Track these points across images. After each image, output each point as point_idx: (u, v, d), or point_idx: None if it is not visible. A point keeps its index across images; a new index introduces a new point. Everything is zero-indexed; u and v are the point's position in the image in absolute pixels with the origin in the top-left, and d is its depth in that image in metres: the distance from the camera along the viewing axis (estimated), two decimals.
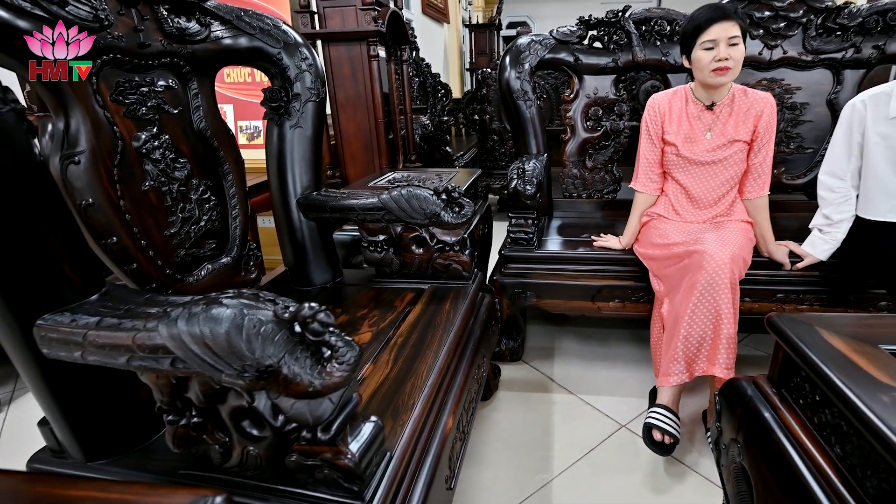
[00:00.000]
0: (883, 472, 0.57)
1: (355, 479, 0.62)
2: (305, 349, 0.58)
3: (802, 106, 1.90)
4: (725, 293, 1.21)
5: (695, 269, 1.25)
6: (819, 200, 1.47)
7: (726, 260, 1.23)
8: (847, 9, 1.78)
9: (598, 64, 1.90)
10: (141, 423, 0.79)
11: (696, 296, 1.22)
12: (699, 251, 1.26)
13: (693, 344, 1.22)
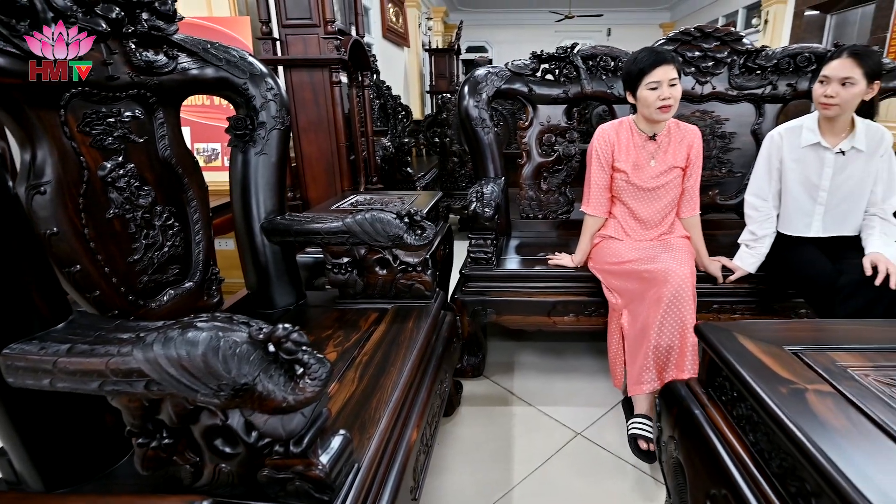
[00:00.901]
0: (783, 453, 0.68)
1: (326, 489, 0.67)
2: (279, 367, 0.63)
3: (731, 135, 2.13)
4: (689, 305, 1.35)
5: (660, 284, 1.37)
6: (746, 219, 1.65)
7: (688, 275, 1.38)
8: (764, 51, 2.03)
9: (550, 94, 2.06)
10: (104, 449, 0.80)
11: (664, 308, 1.34)
12: (661, 268, 1.39)
13: (663, 353, 1.34)
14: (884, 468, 0.58)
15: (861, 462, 0.59)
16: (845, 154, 1.49)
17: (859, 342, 0.86)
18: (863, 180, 1.51)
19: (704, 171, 2.14)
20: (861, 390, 0.72)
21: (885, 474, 0.57)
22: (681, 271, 1.36)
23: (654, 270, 1.40)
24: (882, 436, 0.63)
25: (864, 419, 0.66)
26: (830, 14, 5.93)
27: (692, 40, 2.04)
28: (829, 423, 0.65)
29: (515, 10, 9.75)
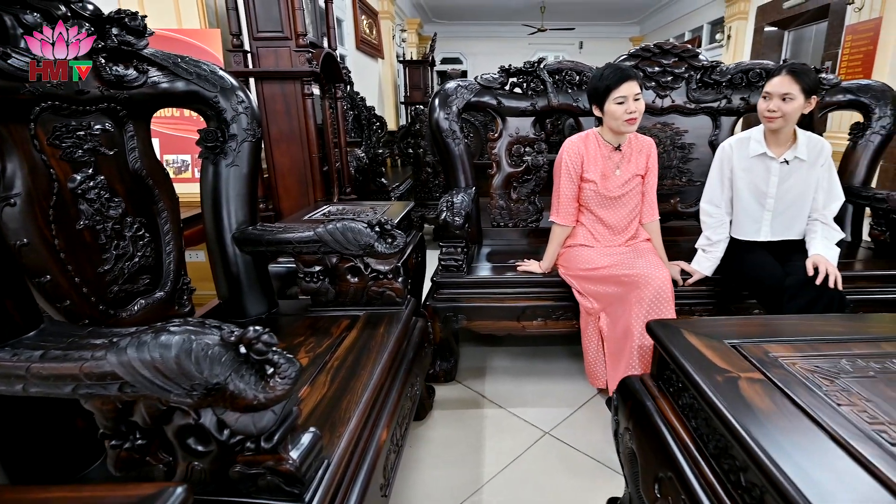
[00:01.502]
0: (718, 435, 0.76)
1: (296, 483, 0.71)
2: (250, 368, 0.68)
3: (690, 146, 2.27)
4: (670, 305, 1.46)
5: (641, 287, 1.47)
6: (702, 225, 1.77)
7: (667, 277, 1.49)
8: (719, 67, 2.18)
9: (519, 107, 2.15)
10: (74, 455, 0.83)
11: (646, 309, 1.43)
12: (640, 273, 1.49)
13: (647, 352, 1.42)
14: (799, 443, 0.66)
15: (781, 439, 0.67)
16: (789, 163, 1.62)
17: (791, 335, 0.96)
18: (806, 188, 1.64)
19: (666, 180, 2.28)
20: (787, 377, 0.81)
21: (800, 449, 0.65)
22: (660, 274, 1.46)
23: (633, 275, 1.50)
24: (801, 415, 0.71)
25: (787, 401, 0.74)
26: (788, 30, 6.31)
27: (652, 56, 2.17)
28: (756, 406, 0.73)
29: (489, 23, 10.00)
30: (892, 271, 1.82)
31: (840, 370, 0.83)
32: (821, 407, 0.73)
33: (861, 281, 1.82)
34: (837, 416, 0.71)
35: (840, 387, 0.78)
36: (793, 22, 6.05)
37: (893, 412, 0.72)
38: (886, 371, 0.82)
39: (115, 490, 0.53)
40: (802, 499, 0.57)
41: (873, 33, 4.40)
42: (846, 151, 2.26)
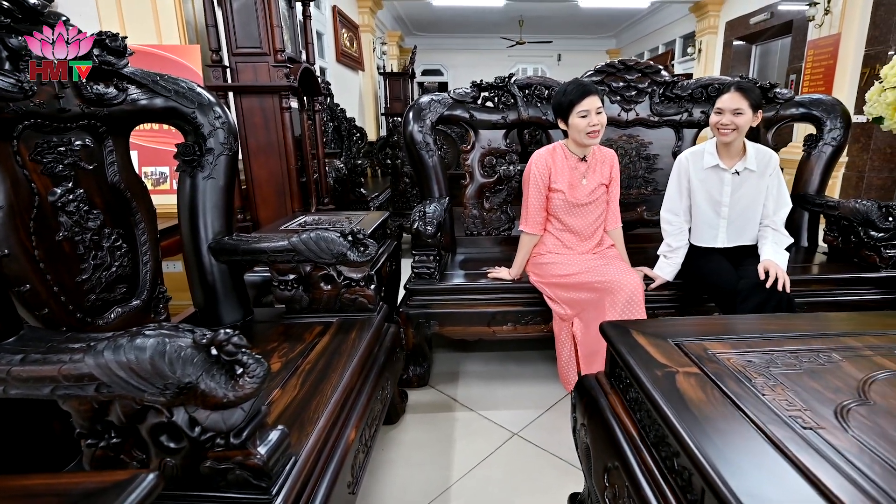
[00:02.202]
0: (656, 425, 0.83)
1: (263, 477, 0.76)
2: (221, 368, 0.73)
3: (655, 157, 2.38)
4: (642, 308, 1.54)
5: (614, 292, 1.55)
6: (663, 232, 1.87)
7: (638, 282, 1.58)
8: (680, 82, 2.31)
9: (490, 120, 2.24)
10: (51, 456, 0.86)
11: (619, 313, 1.51)
12: (613, 279, 1.58)
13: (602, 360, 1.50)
14: (722, 429, 0.73)
15: (706, 426, 0.74)
16: (740, 174, 1.73)
17: (730, 333, 1.04)
18: (756, 196, 1.75)
19: (632, 189, 2.39)
20: (721, 370, 0.89)
21: (722, 434, 0.72)
22: (631, 280, 1.55)
23: (606, 281, 1.58)
24: (728, 404, 0.79)
25: (717, 392, 0.82)
26: (755, 45, 6.59)
27: (617, 72, 2.29)
28: (689, 397, 0.81)
29: (469, 36, 10.19)
30: (842, 274, 1.94)
31: (770, 364, 0.91)
32: (747, 396, 0.80)
33: (815, 284, 1.93)
34: (761, 404, 0.79)
35: (767, 379, 0.86)
36: (759, 37, 6.32)
37: (811, 400, 0.80)
38: (811, 364, 0.91)
39: (91, 477, 0.57)
40: (719, 478, 0.64)
41: (833, 48, 4.64)
42: (801, 162, 2.40)
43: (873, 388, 0.82)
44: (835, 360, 0.92)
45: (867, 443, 0.68)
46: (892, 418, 0.74)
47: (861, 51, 4.45)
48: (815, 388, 0.83)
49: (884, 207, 1.90)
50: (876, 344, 0.98)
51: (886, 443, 0.68)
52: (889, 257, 1.89)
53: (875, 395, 0.80)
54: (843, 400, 0.79)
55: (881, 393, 0.81)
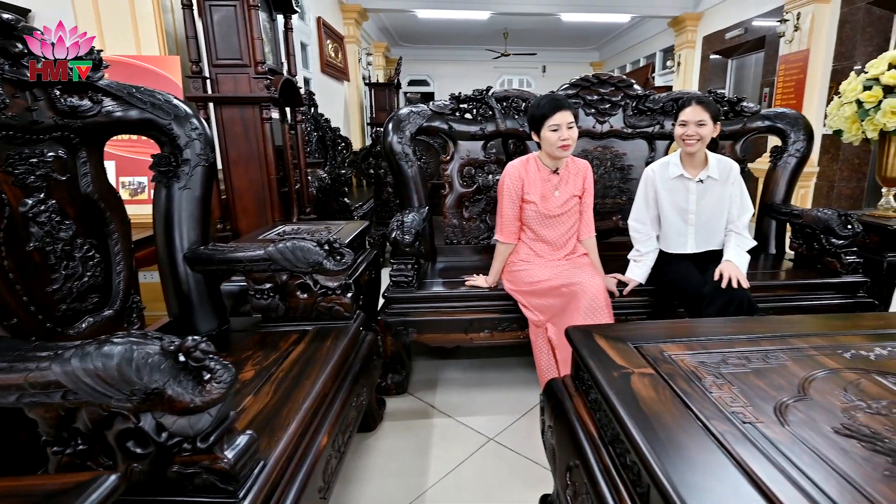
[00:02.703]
0: (612, 424, 0.87)
1: (230, 481, 0.78)
2: (188, 374, 0.75)
3: (629, 167, 2.45)
4: (605, 311, 1.58)
5: (578, 297, 1.59)
6: (632, 240, 1.93)
7: (600, 286, 1.62)
8: (652, 96, 2.39)
9: (469, 131, 2.30)
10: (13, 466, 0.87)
11: (582, 317, 1.55)
12: (577, 283, 1.62)
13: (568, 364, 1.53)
14: (669, 426, 0.77)
15: (654, 423, 0.78)
16: (704, 182, 1.81)
17: (686, 335, 1.09)
18: (721, 203, 1.83)
19: (607, 199, 2.46)
20: (674, 371, 0.93)
21: (668, 429, 0.76)
22: (594, 283, 1.60)
23: (571, 285, 1.63)
24: (678, 402, 0.83)
25: (668, 391, 0.86)
26: (731, 59, 6.80)
27: (591, 86, 2.36)
28: (641, 396, 0.85)
29: (455, 47, 10.33)
30: (806, 280, 2.01)
31: (721, 364, 0.96)
32: (695, 395, 0.85)
33: (780, 290, 2.01)
34: (707, 401, 0.83)
35: (716, 378, 0.91)
36: (735, 51, 6.53)
37: (754, 397, 0.84)
38: (759, 364, 0.96)
39: (55, 479, 0.59)
40: (661, 471, 0.68)
41: (802, 63, 4.82)
42: (768, 172, 2.49)
43: (813, 386, 0.87)
44: (781, 360, 0.97)
45: (800, 435, 0.73)
46: (826, 412, 0.79)
47: (829, 66, 4.63)
48: (760, 386, 0.88)
49: (843, 216, 1.99)
50: (821, 344, 1.03)
51: (817, 434, 0.73)
52: (849, 263, 1.97)
53: (813, 392, 0.85)
54: (783, 397, 0.84)
55: (819, 389, 0.86)
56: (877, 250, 2.15)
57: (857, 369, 0.93)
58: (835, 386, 0.88)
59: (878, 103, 2.17)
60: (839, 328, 1.15)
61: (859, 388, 0.87)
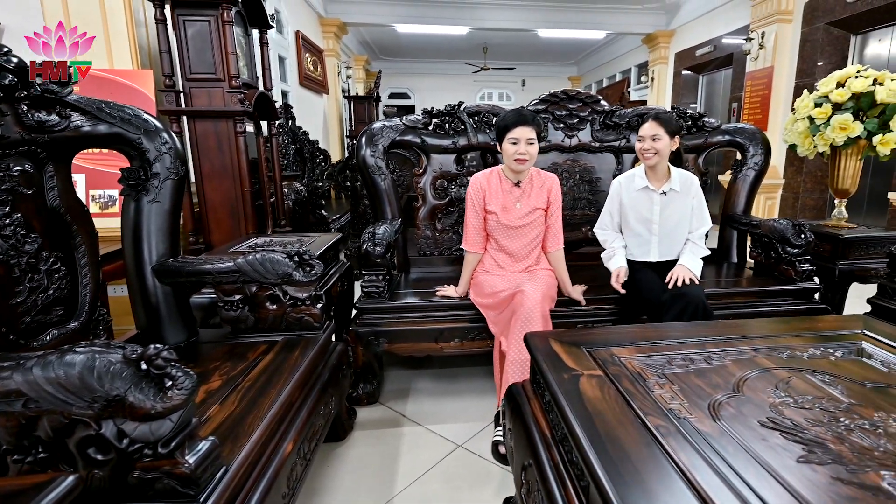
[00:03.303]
0: (560, 423, 0.92)
1: (191, 485, 0.80)
2: (150, 381, 0.78)
3: (597, 180, 2.55)
4: (538, 324, 1.61)
5: (517, 308, 1.63)
6: (602, 243, 2.01)
7: (538, 299, 1.65)
8: (618, 111, 2.50)
9: (441, 145, 2.37)
10: None
11: (518, 328, 1.59)
12: (519, 292, 1.67)
13: (518, 367, 1.58)
14: (610, 422, 0.83)
15: (597, 420, 0.84)
16: (666, 194, 1.90)
17: (637, 340, 1.15)
18: (682, 214, 1.93)
19: (577, 210, 2.55)
20: (621, 372, 0.99)
21: (608, 425, 0.82)
22: (533, 295, 1.64)
23: (514, 296, 1.68)
24: (621, 401, 0.89)
25: (613, 391, 0.92)
26: (702, 75, 7.07)
27: (559, 101, 2.46)
28: (587, 396, 0.91)
29: (436, 61, 10.51)
30: (764, 287, 2.12)
31: (665, 365, 1.03)
32: (637, 393, 0.91)
33: (739, 297, 2.10)
34: (648, 400, 0.89)
35: (660, 378, 0.97)
36: (705, 67, 6.80)
37: (692, 395, 0.91)
38: (701, 365, 1.03)
39: (12, 481, 0.62)
40: (598, 463, 0.73)
41: (767, 80, 5.05)
42: (729, 184, 2.62)
43: (747, 384, 0.94)
44: (722, 360, 1.04)
45: (728, 428, 0.80)
46: (755, 407, 0.86)
47: (792, 82, 4.87)
48: (699, 384, 0.94)
49: (797, 226, 2.11)
50: (760, 346, 1.11)
51: (744, 427, 0.80)
52: (803, 271, 2.09)
53: (747, 389, 0.92)
54: (718, 394, 0.90)
55: (752, 387, 0.93)
56: (829, 258, 2.28)
57: (790, 368, 1.01)
58: (767, 384, 0.95)
59: (827, 119, 2.31)
60: (780, 331, 1.23)
61: (789, 385, 0.94)
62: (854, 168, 2.38)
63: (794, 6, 4.79)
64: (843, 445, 0.76)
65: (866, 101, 2.25)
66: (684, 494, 0.67)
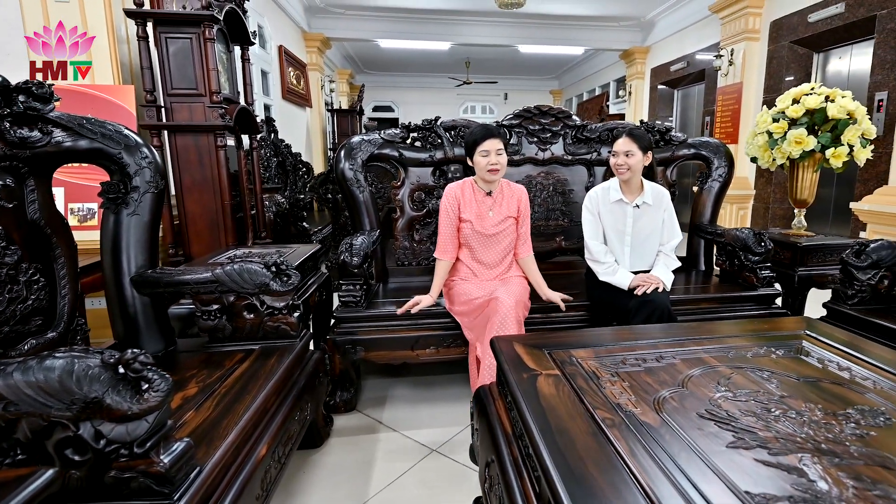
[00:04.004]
0: (519, 419, 0.99)
1: (166, 483, 0.85)
2: (127, 384, 0.83)
3: (570, 191, 2.65)
4: (513, 329, 1.68)
5: (492, 314, 1.70)
6: (595, 256, 2.03)
7: (512, 305, 1.72)
8: (589, 126, 2.61)
9: (419, 158, 2.44)
10: None
11: (493, 333, 1.66)
12: (493, 299, 1.74)
13: (493, 372, 1.64)
14: (561, 416, 0.90)
15: (550, 415, 0.90)
16: (639, 207, 2.00)
17: (595, 343, 1.23)
18: (654, 226, 2.03)
19: (551, 221, 2.64)
20: (576, 371, 1.06)
21: (559, 418, 0.89)
22: (507, 301, 1.71)
23: (489, 301, 1.75)
24: (574, 398, 0.96)
25: (567, 388, 0.99)
26: (677, 89, 7.32)
27: (533, 116, 2.57)
28: (543, 393, 0.98)
29: (419, 75, 10.68)
30: (728, 293, 2.22)
31: (619, 365, 1.10)
32: (589, 390, 0.98)
33: (705, 303, 2.20)
34: (599, 396, 0.96)
35: (612, 376, 1.04)
36: (680, 83, 7.04)
37: (640, 391, 0.98)
38: (652, 364, 1.10)
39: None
40: (547, 453, 0.80)
41: (737, 95, 5.27)
42: (695, 195, 2.74)
43: (691, 381, 1.02)
44: (672, 360, 1.12)
45: (668, 420, 0.87)
46: (696, 401, 0.93)
47: (760, 97, 5.09)
48: (648, 381, 1.02)
49: (758, 234, 2.22)
50: (709, 346, 1.19)
51: (683, 419, 0.87)
52: (764, 277, 2.20)
53: (691, 385, 1.00)
54: (664, 390, 0.98)
55: (696, 383, 1.01)
56: (789, 265, 2.40)
57: (733, 366, 1.09)
58: (710, 380, 1.03)
59: (784, 134, 2.45)
60: (729, 332, 1.32)
61: (730, 381, 1.02)
62: (811, 179, 2.53)
63: (761, 25, 5.03)
64: (769, 432, 0.83)
65: (819, 117, 2.40)
66: (622, 478, 0.73)
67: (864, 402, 0.94)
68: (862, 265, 1.84)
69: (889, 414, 0.90)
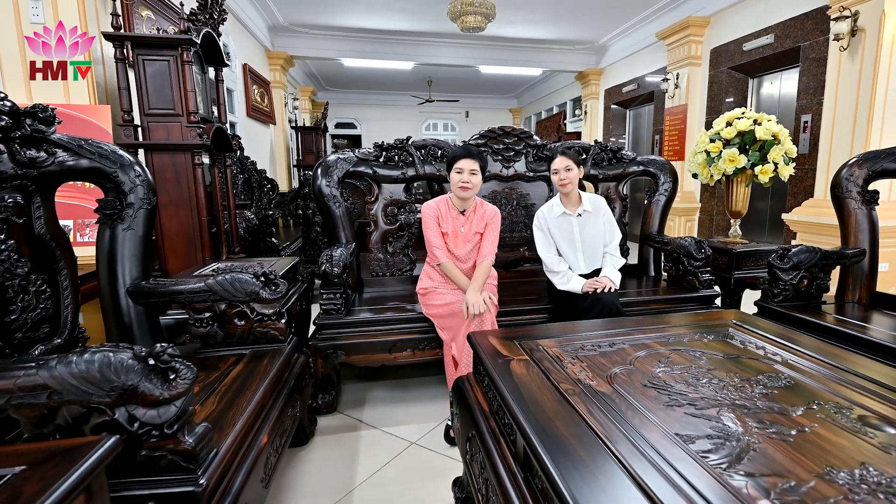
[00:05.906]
0: (496, 396, 1.18)
1: (192, 460, 0.98)
2: (157, 374, 0.97)
3: (532, 205, 2.90)
4: (487, 325, 1.88)
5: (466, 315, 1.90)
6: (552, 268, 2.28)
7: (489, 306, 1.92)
8: (548, 146, 2.88)
9: (392, 175, 2.64)
10: None
11: (469, 330, 1.85)
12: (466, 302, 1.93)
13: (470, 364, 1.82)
14: (532, 390, 1.09)
15: (522, 390, 1.10)
16: (582, 216, 2.27)
17: (558, 334, 1.45)
18: (598, 230, 2.31)
19: (515, 233, 2.88)
20: (543, 356, 1.27)
21: (531, 392, 1.08)
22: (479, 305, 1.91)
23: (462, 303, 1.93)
24: (542, 376, 1.16)
25: (536, 369, 1.20)
26: (629, 109, 7.88)
27: (497, 137, 2.82)
28: (516, 374, 1.17)
29: (382, 92, 10.93)
30: (674, 295, 2.51)
31: (578, 350, 1.32)
32: (554, 370, 1.19)
33: (654, 304, 2.48)
34: (562, 373, 1.17)
35: (573, 359, 1.26)
36: (631, 103, 7.60)
37: (596, 369, 1.20)
38: (606, 349, 1.33)
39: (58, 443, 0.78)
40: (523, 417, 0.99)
41: (683, 115, 5.78)
42: (645, 208, 3.06)
43: (637, 360, 1.25)
44: (622, 346, 1.35)
45: (619, 389, 1.08)
46: (641, 375, 1.16)
47: (703, 118, 5.61)
48: (603, 362, 1.24)
49: (699, 242, 2.53)
50: (653, 334, 1.43)
51: (630, 388, 1.09)
52: (704, 280, 2.50)
53: (638, 363, 1.22)
54: (616, 367, 1.20)
55: (641, 362, 1.23)
56: (727, 269, 2.73)
57: (672, 348, 1.33)
58: (653, 360, 1.26)
59: (719, 153, 2.81)
60: (671, 323, 1.57)
61: (669, 359, 1.26)
62: (743, 193, 2.89)
63: (703, 52, 5.57)
64: (697, 394, 1.06)
65: (749, 138, 2.77)
66: (583, 430, 0.93)
67: (773, 371, 1.19)
68: (785, 267, 2.16)
69: (789, 379, 1.16)
